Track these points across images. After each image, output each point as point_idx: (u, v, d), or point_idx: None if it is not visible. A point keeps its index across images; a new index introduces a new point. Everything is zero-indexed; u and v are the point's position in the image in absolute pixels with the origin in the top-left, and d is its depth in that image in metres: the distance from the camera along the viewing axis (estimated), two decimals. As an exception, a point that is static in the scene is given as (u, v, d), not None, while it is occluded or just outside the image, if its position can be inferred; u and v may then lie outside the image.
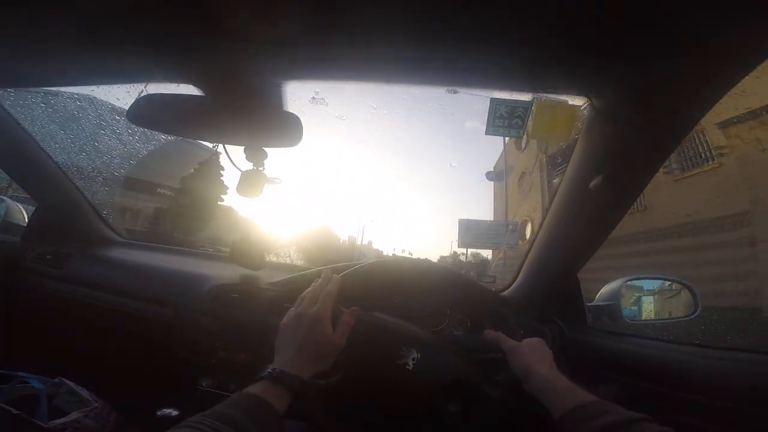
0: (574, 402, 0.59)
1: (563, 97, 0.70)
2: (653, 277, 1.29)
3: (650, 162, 0.73)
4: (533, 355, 0.69)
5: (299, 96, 0.80)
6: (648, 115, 0.65)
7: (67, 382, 1.08)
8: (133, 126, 0.72)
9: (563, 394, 0.62)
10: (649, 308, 1.24)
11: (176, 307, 1.12)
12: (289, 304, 1.05)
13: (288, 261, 1.50)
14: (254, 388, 0.57)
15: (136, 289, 1.19)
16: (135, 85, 0.82)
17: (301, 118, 0.70)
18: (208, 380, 0.99)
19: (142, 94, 0.73)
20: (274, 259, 1.39)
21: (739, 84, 0.57)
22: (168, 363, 1.12)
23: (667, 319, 1.19)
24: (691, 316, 1.12)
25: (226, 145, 0.76)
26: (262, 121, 0.71)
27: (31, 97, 1.17)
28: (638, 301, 1.23)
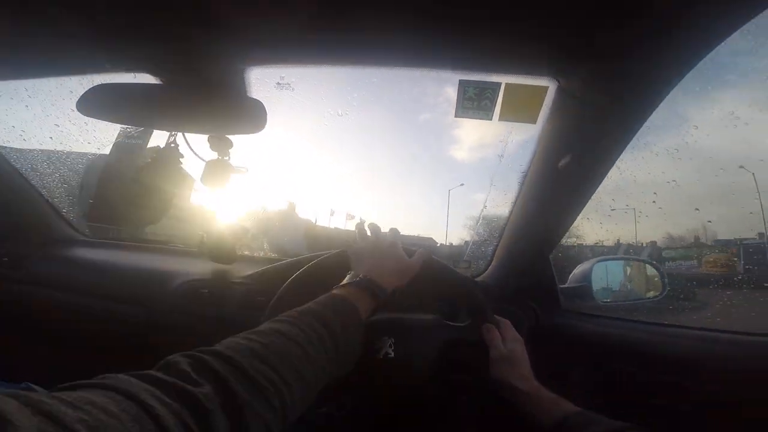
0: (560, 414, 0.59)
1: (531, 79, 0.70)
2: (623, 258, 1.33)
3: (616, 141, 0.74)
4: (513, 368, 0.68)
5: (264, 82, 0.77)
6: (613, 96, 0.65)
7: (35, 387, 1.03)
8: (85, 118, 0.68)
9: (547, 407, 0.62)
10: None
11: (145, 306, 1.08)
12: (263, 297, 1.02)
13: (261, 254, 1.46)
14: (342, 291, 0.58)
15: (101, 289, 1.14)
16: (88, 76, 0.77)
17: (265, 104, 0.67)
18: None
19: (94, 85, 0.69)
20: (246, 252, 1.35)
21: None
22: (138, 364, 1.07)
23: (637, 299, 1.23)
24: (660, 297, 1.16)
25: (186, 134, 0.72)
26: (224, 107, 0.68)
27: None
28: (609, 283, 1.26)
